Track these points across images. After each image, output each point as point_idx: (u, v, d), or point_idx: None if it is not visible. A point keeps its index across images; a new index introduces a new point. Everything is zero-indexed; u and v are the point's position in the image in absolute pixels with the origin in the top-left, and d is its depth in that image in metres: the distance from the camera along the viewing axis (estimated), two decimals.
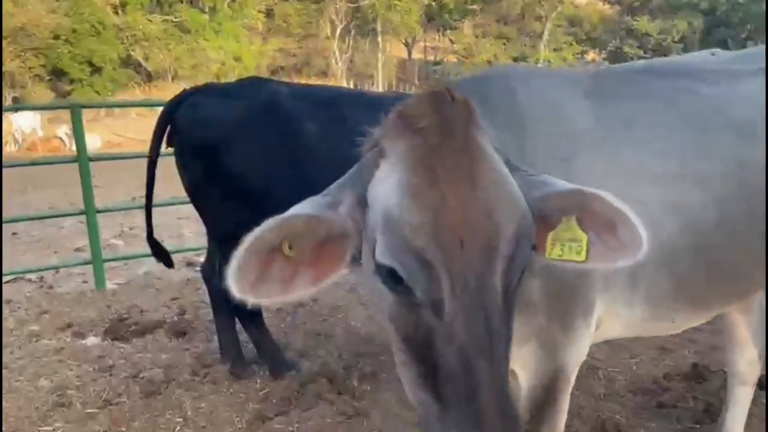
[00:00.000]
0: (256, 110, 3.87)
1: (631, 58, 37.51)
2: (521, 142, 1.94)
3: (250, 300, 1.31)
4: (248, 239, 1.29)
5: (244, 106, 3.89)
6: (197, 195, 4.07)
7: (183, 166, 4.04)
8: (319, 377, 4.10)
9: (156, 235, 4.46)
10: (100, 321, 5.27)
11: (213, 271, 4.32)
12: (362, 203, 1.40)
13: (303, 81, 22.09)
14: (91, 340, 4.88)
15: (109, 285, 6.31)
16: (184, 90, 4.21)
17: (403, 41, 46.04)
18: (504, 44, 44.30)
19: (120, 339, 4.88)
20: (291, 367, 4.26)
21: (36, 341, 4.91)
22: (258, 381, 4.18)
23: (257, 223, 1.31)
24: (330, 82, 35.04)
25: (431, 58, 48.43)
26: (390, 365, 4.35)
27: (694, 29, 42.26)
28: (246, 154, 3.81)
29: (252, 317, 4.22)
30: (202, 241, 4.24)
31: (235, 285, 1.28)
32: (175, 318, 5.29)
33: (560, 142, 2.05)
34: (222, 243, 4.12)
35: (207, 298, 4.75)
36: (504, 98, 2.05)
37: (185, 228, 8.86)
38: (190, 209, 4.42)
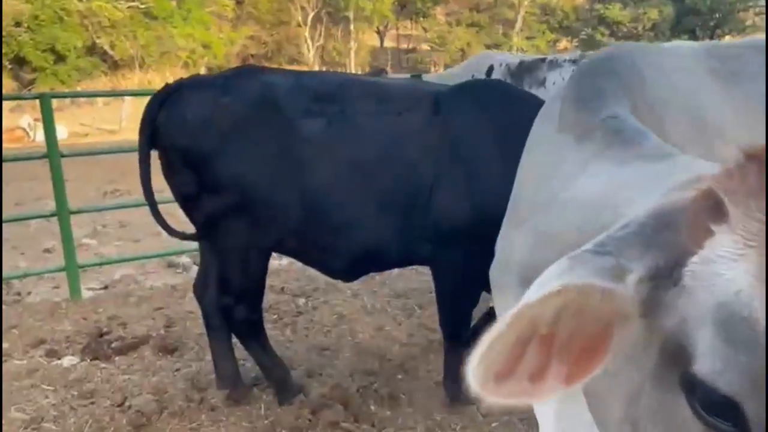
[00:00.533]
0: (251, 107, 3.38)
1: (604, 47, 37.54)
2: (659, 130, 1.55)
3: (490, 400, 0.85)
4: (513, 313, 0.83)
5: (237, 103, 3.40)
6: (188, 206, 3.56)
7: (168, 170, 3.52)
8: (332, 401, 3.65)
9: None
10: (77, 336, 4.70)
11: (206, 290, 3.84)
12: (663, 277, 0.90)
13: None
14: (68, 360, 4.34)
15: (84, 291, 5.75)
16: (167, 84, 3.68)
17: (376, 29, 45.48)
18: (477, 32, 44.02)
19: (101, 358, 4.35)
20: (300, 390, 3.79)
21: (5, 361, 4.35)
22: (262, 407, 3.71)
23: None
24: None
25: (404, 46, 47.95)
26: (409, 386, 3.91)
27: (664, 17, 42.55)
28: (242, 159, 3.33)
29: (255, 335, 3.72)
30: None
31: (477, 375, 0.83)
32: (162, 331, 4.76)
33: (694, 131, 1.69)
34: (220, 261, 3.63)
35: (194, 307, 4.29)
36: (634, 79, 1.67)
37: None
38: (169, 206, 3.92)
